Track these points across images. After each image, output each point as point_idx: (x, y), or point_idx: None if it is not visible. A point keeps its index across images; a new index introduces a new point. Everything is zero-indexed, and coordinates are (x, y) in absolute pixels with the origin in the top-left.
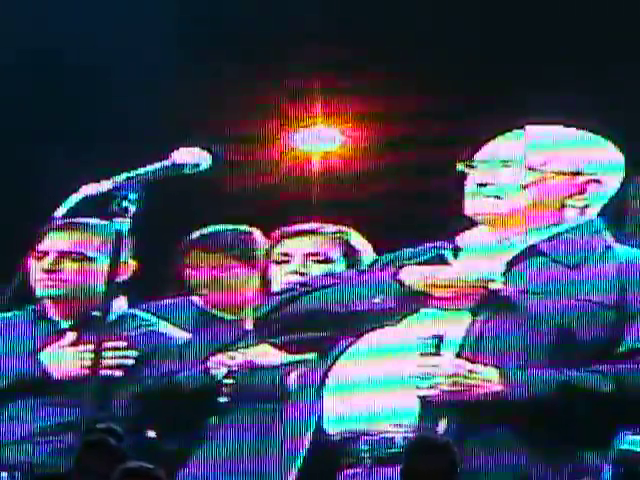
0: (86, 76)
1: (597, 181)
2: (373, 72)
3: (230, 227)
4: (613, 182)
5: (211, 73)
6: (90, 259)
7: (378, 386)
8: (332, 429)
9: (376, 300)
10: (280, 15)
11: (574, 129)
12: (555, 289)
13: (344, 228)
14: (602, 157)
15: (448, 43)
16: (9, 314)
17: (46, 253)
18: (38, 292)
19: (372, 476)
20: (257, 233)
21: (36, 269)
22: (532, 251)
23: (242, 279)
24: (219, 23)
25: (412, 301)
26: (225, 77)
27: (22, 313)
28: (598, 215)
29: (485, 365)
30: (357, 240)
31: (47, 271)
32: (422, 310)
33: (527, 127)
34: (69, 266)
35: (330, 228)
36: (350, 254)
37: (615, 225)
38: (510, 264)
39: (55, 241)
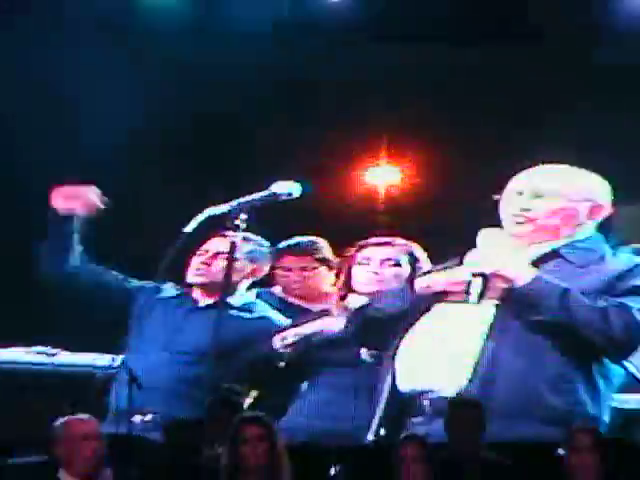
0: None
1: (600, 206)
2: (422, 129)
3: (308, 239)
4: (608, 206)
5: (308, 136)
6: (235, 259)
7: (435, 357)
8: (403, 387)
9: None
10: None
11: (576, 168)
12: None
13: (409, 242)
14: (598, 187)
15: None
16: (164, 293)
17: (207, 251)
18: (190, 279)
19: (431, 423)
20: (326, 243)
21: (196, 262)
22: (553, 255)
23: (322, 276)
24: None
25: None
26: (318, 134)
27: (171, 289)
28: (598, 229)
29: None
30: (418, 251)
31: (203, 263)
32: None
33: (543, 165)
34: (219, 263)
35: (400, 241)
36: (414, 261)
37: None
38: (535, 262)
39: (216, 244)
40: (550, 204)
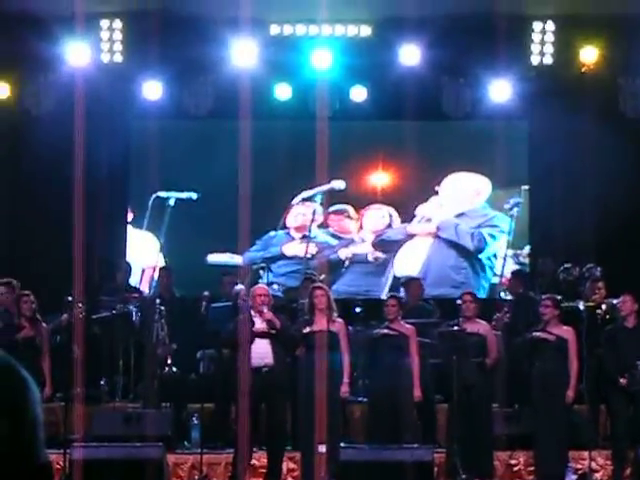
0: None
1: (479, 193)
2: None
3: (342, 206)
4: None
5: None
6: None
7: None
8: (398, 274)
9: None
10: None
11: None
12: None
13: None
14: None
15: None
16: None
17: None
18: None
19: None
20: (350, 207)
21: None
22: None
23: (349, 223)
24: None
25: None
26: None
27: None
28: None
29: None
30: (394, 213)
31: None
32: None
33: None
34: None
35: (386, 207)
36: (391, 217)
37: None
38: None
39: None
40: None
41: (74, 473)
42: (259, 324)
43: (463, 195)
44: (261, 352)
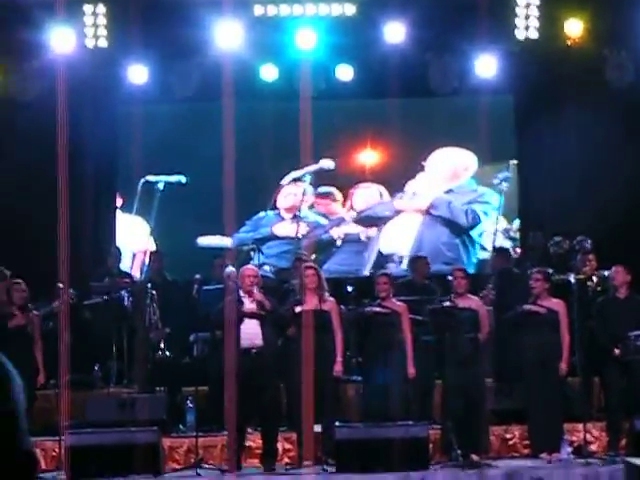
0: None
1: (466, 169)
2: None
3: (329, 189)
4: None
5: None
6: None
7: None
8: (384, 250)
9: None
10: None
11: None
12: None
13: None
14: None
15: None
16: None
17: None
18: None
19: (397, 268)
20: (336, 190)
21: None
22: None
23: (336, 205)
24: None
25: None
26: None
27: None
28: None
29: None
30: (384, 191)
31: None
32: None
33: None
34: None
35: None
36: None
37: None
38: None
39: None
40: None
41: (70, 461)
42: (248, 305)
43: (450, 170)
44: (250, 333)
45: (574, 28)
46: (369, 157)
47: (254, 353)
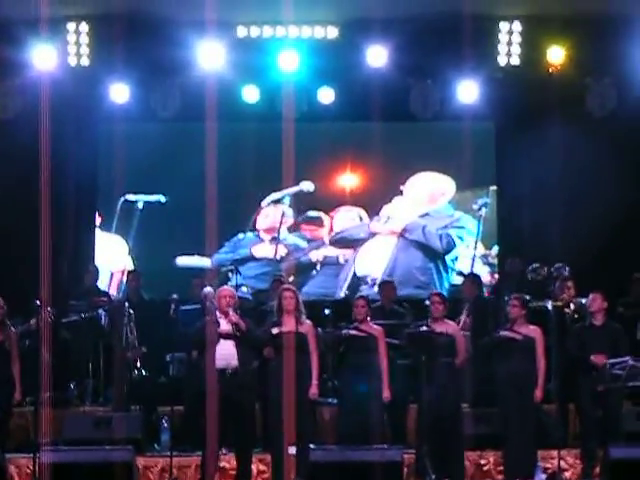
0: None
1: (443, 193)
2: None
3: (317, 214)
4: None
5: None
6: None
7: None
8: (359, 273)
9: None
10: None
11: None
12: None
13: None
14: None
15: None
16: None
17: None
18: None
19: (370, 289)
20: (323, 214)
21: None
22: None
23: (322, 229)
24: None
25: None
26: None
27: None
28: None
29: None
30: (364, 214)
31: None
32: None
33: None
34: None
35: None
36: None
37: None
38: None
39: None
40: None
41: (44, 477)
42: (224, 326)
43: (427, 195)
44: (225, 354)
45: (556, 55)
46: (349, 180)
47: (229, 374)
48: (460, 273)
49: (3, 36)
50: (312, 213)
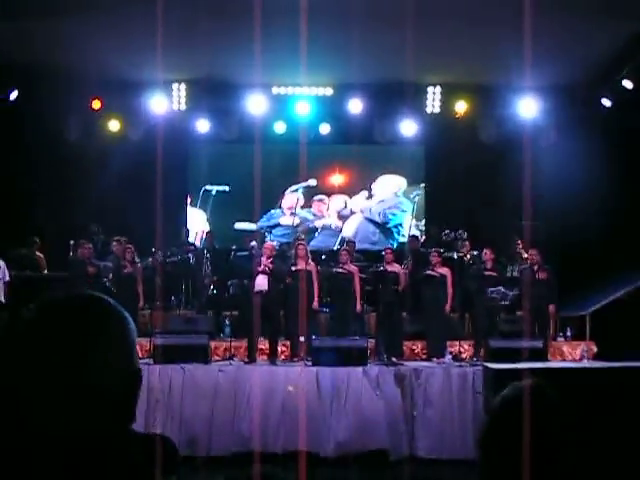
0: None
1: (399, 188)
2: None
3: (321, 196)
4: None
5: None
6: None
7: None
8: (344, 236)
9: None
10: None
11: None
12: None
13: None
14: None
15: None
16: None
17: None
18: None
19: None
20: (326, 197)
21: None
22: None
23: (325, 209)
24: None
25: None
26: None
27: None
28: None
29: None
30: (348, 202)
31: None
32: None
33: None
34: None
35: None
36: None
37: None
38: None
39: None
40: (386, 187)
41: (157, 353)
42: (262, 265)
43: (388, 189)
44: (260, 283)
45: (461, 107)
46: (338, 179)
47: (262, 294)
48: (403, 235)
49: (135, 92)
50: (319, 196)
